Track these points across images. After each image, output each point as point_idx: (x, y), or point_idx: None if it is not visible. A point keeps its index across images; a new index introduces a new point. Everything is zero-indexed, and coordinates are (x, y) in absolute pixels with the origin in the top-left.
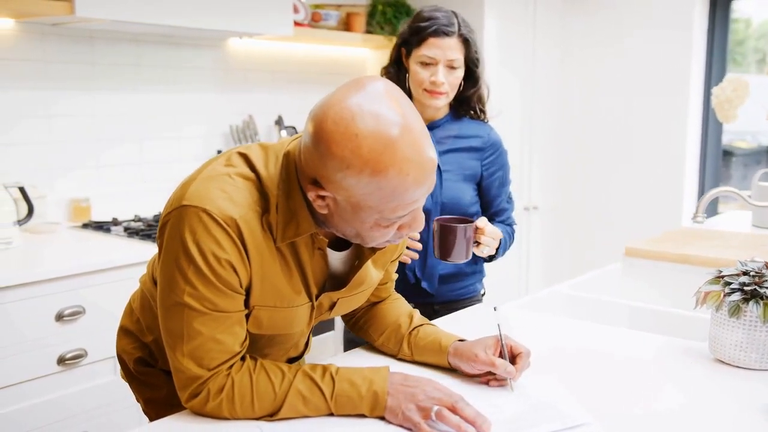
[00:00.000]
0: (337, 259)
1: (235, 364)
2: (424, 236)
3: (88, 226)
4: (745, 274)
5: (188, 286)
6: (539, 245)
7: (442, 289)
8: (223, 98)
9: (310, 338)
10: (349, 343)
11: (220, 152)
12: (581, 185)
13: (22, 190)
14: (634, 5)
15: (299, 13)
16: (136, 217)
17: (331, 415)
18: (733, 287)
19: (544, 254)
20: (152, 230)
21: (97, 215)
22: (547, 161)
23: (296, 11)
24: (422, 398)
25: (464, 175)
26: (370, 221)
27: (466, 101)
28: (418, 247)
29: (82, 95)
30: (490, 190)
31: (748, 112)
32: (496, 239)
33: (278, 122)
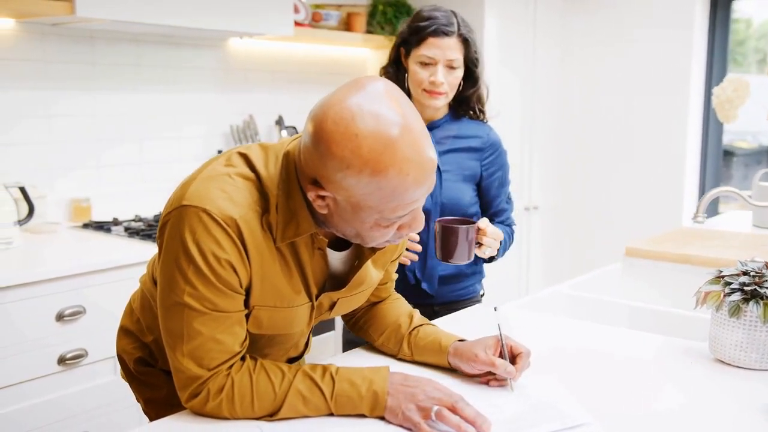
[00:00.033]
0: (337, 259)
1: (235, 364)
2: (423, 237)
3: (88, 226)
4: (745, 274)
5: (188, 286)
6: (539, 245)
7: (441, 290)
8: (223, 98)
9: (310, 338)
10: (348, 343)
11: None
12: (581, 185)
13: (22, 190)
14: (634, 5)
15: (300, 13)
16: (136, 217)
17: (331, 415)
18: (733, 287)
19: (544, 254)
20: (152, 230)
21: (97, 215)
22: (547, 161)
23: (297, 11)
24: (422, 398)
25: (464, 175)
26: (370, 221)
27: (465, 101)
28: (417, 248)
29: (82, 95)
30: (489, 190)
31: (748, 112)
32: (497, 240)
33: (278, 122)
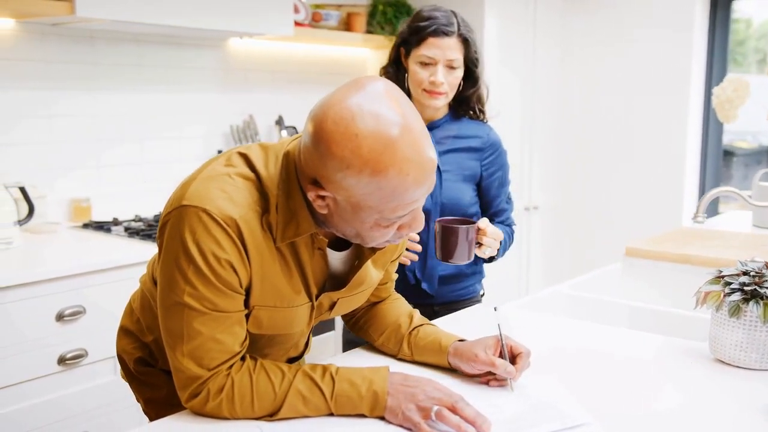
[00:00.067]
0: (337, 259)
1: (235, 364)
2: (423, 237)
3: (88, 226)
4: (745, 274)
5: (188, 285)
6: (539, 245)
7: (441, 290)
8: (223, 98)
9: (310, 338)
10: (348, 343)
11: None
12: (581, 185)
13: (22, 190)
14: (634, 5)
15: (300, 13)
16: (136, 217)
17: (331, 415)
18: (733, 287)
19: (544, 254)
20: (153, 230)
21: (97, 215)
22: (547, 161)
23: (297, 11)
24: (422, 398)
25: (464, 175)
26: (370, 221)
27: (465, 101)
28: (417, 248)
29: (82, 95)
30: (489, 190)
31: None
32: (497, 240)
33: (279, 122)
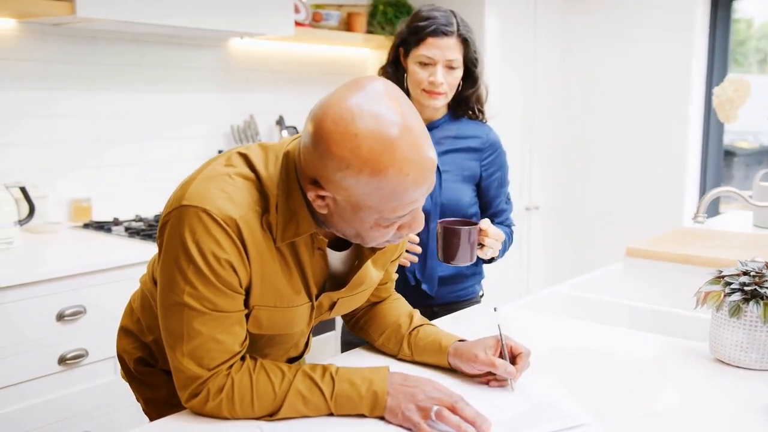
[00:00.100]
0: (337, 259)
1: (234, 363)
2: (423, 238)
3: (89, 226)
4: (745, 274)
5: (188, 285)
6: (540, 245)
7: (441, 290)
8: (224, 98)
9: (310, 338)
10: (347, 345)
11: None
12: (582, 185)
13: (23, 190)
14: (635, 4)
15: (300, 13)
16: (137, 217)
17: (330, 415)
18: (733, 287)
19: (545, 254)
20: (153, 230)
21: (98, 215)
22: (547, 161)
23: (297, 11)
24: (422, 398)
25: (463, 175)
26: (369, 221)
27: (464, 101)
28: (417, 250)
29: (83, 95)
30: (489, 190)
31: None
32: (499, 241)
33: (279, 122)
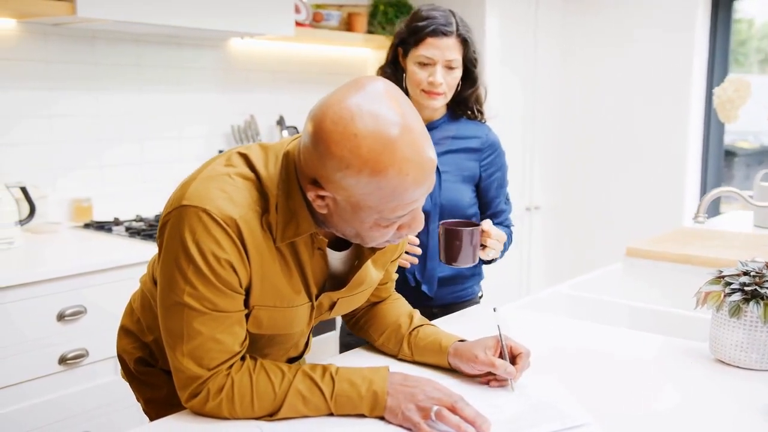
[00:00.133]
0: (336, 259)
1: (234, 363)
2: (423, 239)
3: (89, 226)
4: (745, 274)
5: (188, 285)
6: (541, 245)
7: (440, 291)
8: (224, 98)
9: (310, 338)
10: (345, 347)
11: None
12: (582, 185)
13: (23, 190)
14: (635, 5)
15: (301, 13)
16: (137, 217)
17: (330, 415)
18: (733, 287)
19: (545, 254)
20: (154, 230)
21: (98, 215)
22: (548, 161)
23: (298, 11)
24: (422, 398)
25: (463, 176)
26: (369, 221)
27: (463, 102)
28: (417, 252)
29: (83, 95)
30: (488, 191)
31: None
32: (501, 242)
33: (280, 122)
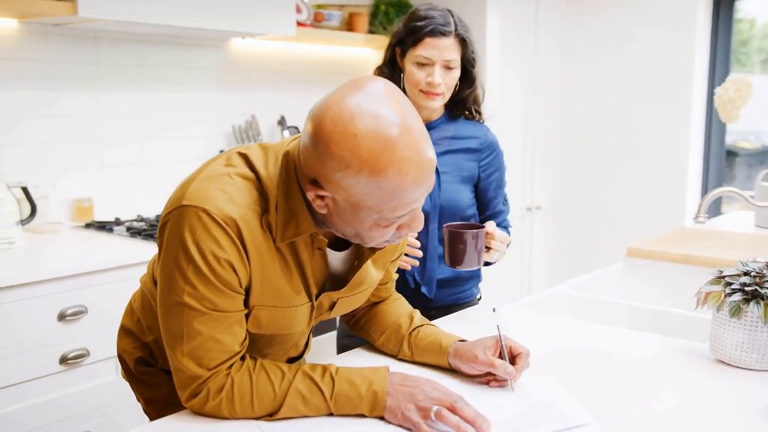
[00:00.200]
0: (336, 259)
1: (234, 363)
2: (422, 241)
3: (90, 225)
4: (746, 274)
5: (188, 285)
6: (541, 245)
7: (440, 293)
8: (225, 98)
9: (310, 338)
10: (342, 349)
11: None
12: (583, 185)
13: (24, 189)
14: (636, 4)
15: (302, 13)
16: (138, 217)
17: (330, 415)
18: (733, 288)
19: (546, 254)
20: (155, 230)
21: (99, 215)
22: (548, 161)
23: (299, 11)
24: (422, 398)
25: (462, 176)
26: (369, 221)
27: (461, 102)
28: (418, 254)
29: (85, 95)
30: (487, 191)
31: (752, 112)
32: (505, 243)
33: (281, 122)
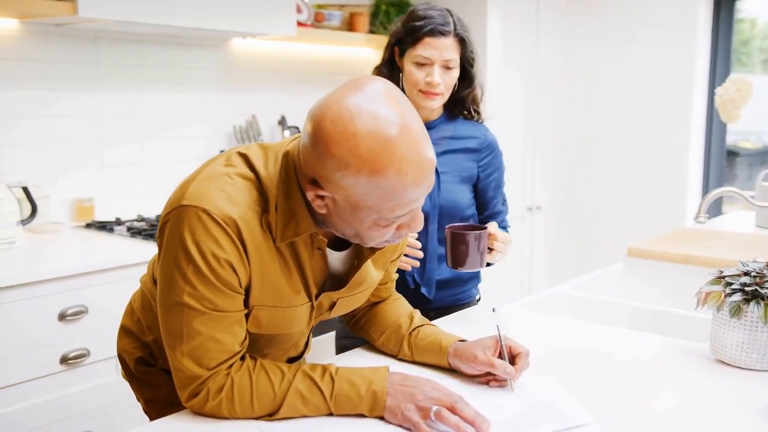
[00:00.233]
0: (336, 259)
1: (234, 363)
2: (422, 241)
3: (91, 225)
4: (746, 274)
5: (188, 285)
6: (542, 245)
7: (439, 294)
8: (226, 98)
9: (310, 338)
10: (341, 350)
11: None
12: (583, 185)
13: (25, 189)
14: (637, 4)
15: (302, 13)
16: (139, 216)
17: (330, 415)
18: (734, 288)
19: (546, 254)
20: (155, 230)
21: (100, 215)
22: (549, 161)
23: (299, 11)
24: (421, 398)
25: (461, 176)
26: (368, 221)
27: (460, 102)
28: (419, 255)
29: (85, 95)
30: (486, 192)
31: (752, 112)
32: (507, 244)
33: (281, 122)
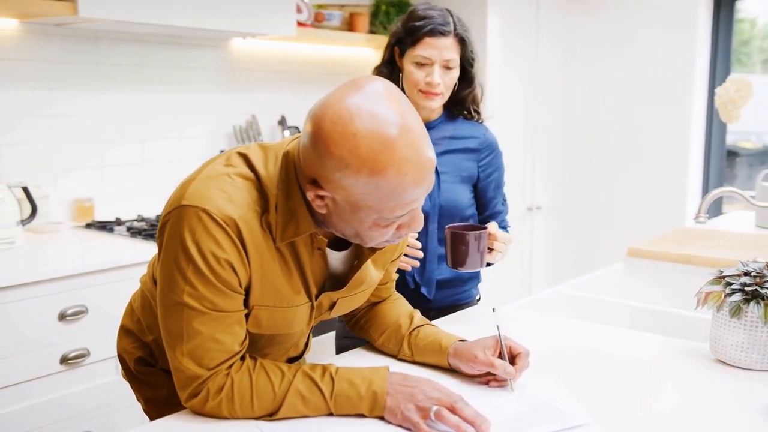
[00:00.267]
0: (336, 259)
1: (234, 363)
2: (422, 241)
3: (91, 225)
4: (746, 274)
5: (188, 285)
6: (542, 245)
7: (439, 294)
8: (226, 98)
9: (310, 338)
10: (340, 350)
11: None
12: (584, 185)
13: (25, 189)
14: (637, 4)
15: (302, 13)
16: (139, 216)
17: (330, 415)
18: (734, 288)
19: (547, 254)
20: (155, 230)
21: (100, 215)
22: (549, 161)
23: (299, 11)
24: (421, 398)
25: (461, 176)
26: (368, 221)
27: (460, 102)
28: (419, 255)
29: (85, 95)
30: (486, 192)
31: (752, 112)
32: (507, 244)
33: (281, 122)
